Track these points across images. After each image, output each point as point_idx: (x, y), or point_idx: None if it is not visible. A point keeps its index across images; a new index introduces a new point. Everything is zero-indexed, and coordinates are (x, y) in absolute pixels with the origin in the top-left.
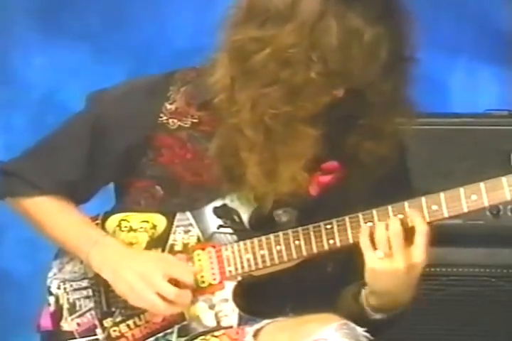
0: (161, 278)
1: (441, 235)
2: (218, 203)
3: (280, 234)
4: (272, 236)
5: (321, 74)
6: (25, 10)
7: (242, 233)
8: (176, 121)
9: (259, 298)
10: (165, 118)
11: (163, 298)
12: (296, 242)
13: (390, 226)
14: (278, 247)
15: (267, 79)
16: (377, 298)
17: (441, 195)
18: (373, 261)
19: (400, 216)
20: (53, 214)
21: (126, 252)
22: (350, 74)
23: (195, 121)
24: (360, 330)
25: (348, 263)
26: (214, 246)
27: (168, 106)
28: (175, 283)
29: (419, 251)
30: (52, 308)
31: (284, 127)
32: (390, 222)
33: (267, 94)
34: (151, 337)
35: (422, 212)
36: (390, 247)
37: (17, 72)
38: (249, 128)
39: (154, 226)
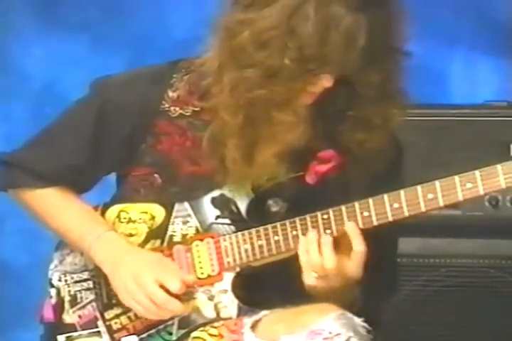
0: (153, 282)
1: (441, 226)
2: (216, 193)
3: (278, 224)
4: (269, 226)
5: (295, 60)
6: (24, 0)
7: (240, 223)
8: (177, 108)
9: (258, 288)
10: (167, 105)
11: (154, 303)
12: (294, 232)
13: (324, 255)
14: (276, 238)
15: (245, 62)
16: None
17: (437, 183)
18: (310, 280)
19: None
20: (55, 206)
21: (126, 248)
22: (326, 60)
23: (196, 109)
24: (357, 320)
25: None
26: (212, 237)
27: (171, 94)
28: (167, 289)
29: (356, 270)
30: (53, 300)
31: (259, 112)
32: (324, 250)
33: (244, 77)
34: (152, 328)
35: (417, 201)
36: (325, 271)
37: (16, 62)
38: (226, 112)
39: (153, 217)
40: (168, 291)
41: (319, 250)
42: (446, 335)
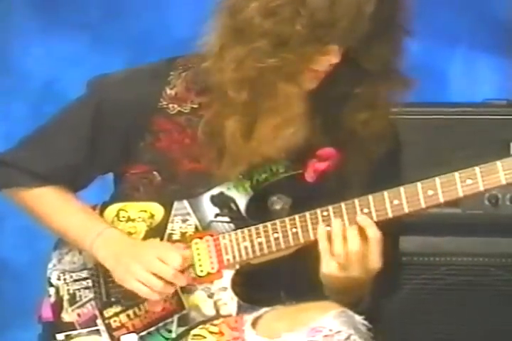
0: (156, 259)
1: (441, 224)
2: (215, 191)
3: (277, 221)
4: (268, 224)
5: (306, 26)
6: (25, 0)
7: (239, 221)
8: (175, 106)
9: (257, 286)
10: (165, 103)
11: (160, 278)
12: (293, 229)
13: (349, 242)
14: (275, 235)
15: (255, 34)
16: (332, 294)
17: (437, 179)
18: (330, 267)
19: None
20: (54, 205)
21: (128, 242)
22: (335, 25)
23: (194, 106)
24: (358, 318)
25: None
26: (212, 235)
27: (169, 91)
28: None
29: (376, 258)
30: (52, 299)
31: (265, 84)
32: (349, 238)
33: (254, 49)
34: (152, 327)
35: (417, 197)
36: (348, 260)
37: (16, 61)
38: (231, 88)
39: (152, 216)
40: None
41: (343, 235)
42: (446, 333)
